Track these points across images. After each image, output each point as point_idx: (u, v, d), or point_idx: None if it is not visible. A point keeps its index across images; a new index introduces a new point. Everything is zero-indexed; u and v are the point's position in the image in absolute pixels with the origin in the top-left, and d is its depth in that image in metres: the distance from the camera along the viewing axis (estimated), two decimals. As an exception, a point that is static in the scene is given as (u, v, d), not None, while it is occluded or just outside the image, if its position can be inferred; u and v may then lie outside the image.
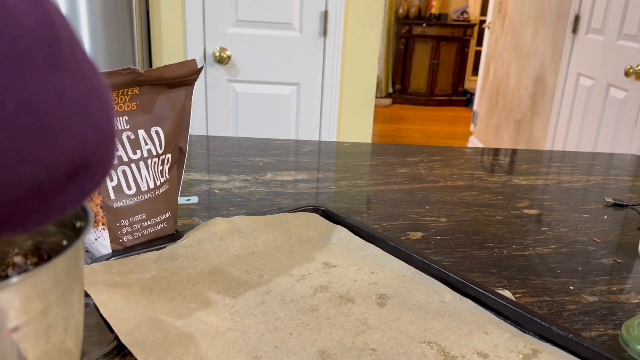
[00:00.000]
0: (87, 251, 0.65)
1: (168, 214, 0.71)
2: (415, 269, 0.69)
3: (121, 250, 0.66)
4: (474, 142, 4.20)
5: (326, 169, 1.13)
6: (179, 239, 0.69)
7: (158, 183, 0.69)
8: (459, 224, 0.89)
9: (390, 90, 5.80)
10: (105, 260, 0.65)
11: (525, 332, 0.58)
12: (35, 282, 0.32)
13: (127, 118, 0.66)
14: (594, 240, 0.86)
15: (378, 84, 5.47)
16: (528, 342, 0.57)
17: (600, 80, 2.39)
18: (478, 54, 5.28)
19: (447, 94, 5.78)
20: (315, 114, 2.16)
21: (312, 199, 0.96)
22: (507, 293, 0.66)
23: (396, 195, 1.00)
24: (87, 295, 0.60)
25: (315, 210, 0.83)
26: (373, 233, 0.75)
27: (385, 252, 0.73)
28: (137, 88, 0.66)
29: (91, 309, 0.53)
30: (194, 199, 0.91)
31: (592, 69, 2.47)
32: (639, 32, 2.11)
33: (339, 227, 0.78)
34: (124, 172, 0.66)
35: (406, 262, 0.71)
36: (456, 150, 1.38)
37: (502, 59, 3.72)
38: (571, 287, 0.71)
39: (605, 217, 0.95)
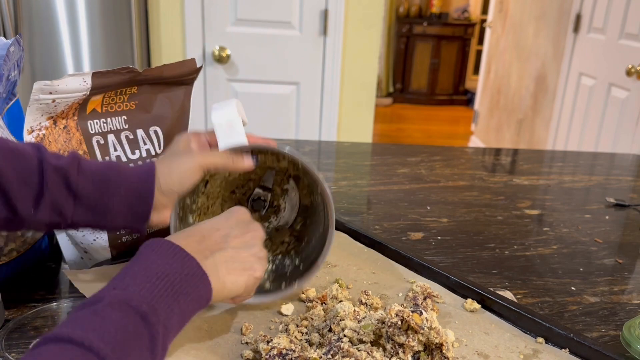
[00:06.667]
0: (85, 252, 0.65)
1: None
2: (414, 271, 0.69)
3: (120, 255, 0.66)
4: (475, 142, 4.19)
5: (326, 169, 1.13)
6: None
7: (157, 183, 0.69)
8: (460, 224, 0.88)
9: (391, 89, 5.78)
10: (105, 265, 0.65)
11: (526, 333, 0.58)
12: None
13: (125, 118, 0.65)
14: (596, 240, 0.85)
15: (378, 84, 5.46)
16: (529, 343, 0.56)
17: (601, 79, 2.38)
18: (479, 53, 5.27)
19: (448, 93, 5.76)
20: (315, 114, 2.16)
21: (312, 199, 0.95)
22: (508, 294, 0.66)
23: (397, 196, 0.99)
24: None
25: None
26: (374, 238, 0.75)
27: (386, 257, 0.72)
28: (136, 87, 0.65)
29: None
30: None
31: (594, 68, 2.46)
32: (640, 31, 2.10)
33: (340, 233, 0.78)
34: (122, 172, 0.65)
35: (406, 265, 0.70)
36: (457, 150, 1.37)
37: (504, 58, 3.71)
38: (573, 288, 0.71)
39: (607, 217, 0.95)
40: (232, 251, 0.48)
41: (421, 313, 0.49)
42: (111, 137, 0.64)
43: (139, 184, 0.53)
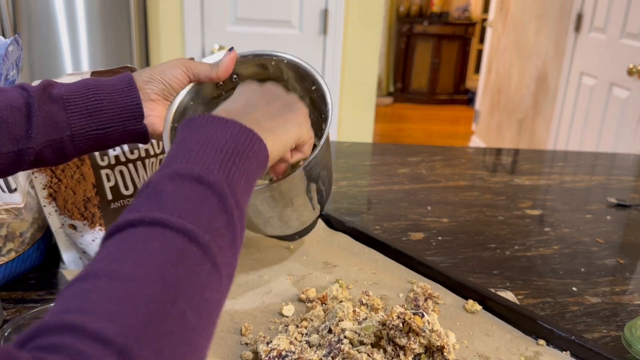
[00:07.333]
0: (84, 252, 0.65)
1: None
2: (415, 272, 0.69)
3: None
4: (475, 142, 4.18)
5: (326, 169, 1.13)
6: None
7: (156, 183, 0.68)
8: (460, 224, 0.88)
9: (391, 89, 5.78)
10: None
11: (527, 335, 0.58)
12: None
13: (124, 117, 0.65)
14: (597, 241, 0.85)
15: (379, 83, 5.45)
16: (530, 345, 0.56)
17: (603, 79, 2.38)
18: (480, 53, 5.26)
19: (448, 92, 5.75)
20: (316, 113, 2.15)
21: (312, 199, 0.95)
22: (509, 294, 0.65)
23: (397, 196, 0.99)
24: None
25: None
26: (374, 237, 0.74)
27: (387, 257, 0.72)
28: (135, 87, 0.65)
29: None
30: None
31: (595, 68, 2.45)
32: (641, 31, 2.10)
33: (340, 233, 0.78)
34: (121, 172, 0.65)
35: (407, 265, 0.70)
36: (458, 149, 1.37)
37: (504, 58, 3.71)
38: (574, 288, 0.70)
39: (608, 217, 0.94)
40: (262, 108, 0.45)
41: (423, 315, 0.49)
42: (110, 137, 0.63)
43: (119, 79, 0.52)
